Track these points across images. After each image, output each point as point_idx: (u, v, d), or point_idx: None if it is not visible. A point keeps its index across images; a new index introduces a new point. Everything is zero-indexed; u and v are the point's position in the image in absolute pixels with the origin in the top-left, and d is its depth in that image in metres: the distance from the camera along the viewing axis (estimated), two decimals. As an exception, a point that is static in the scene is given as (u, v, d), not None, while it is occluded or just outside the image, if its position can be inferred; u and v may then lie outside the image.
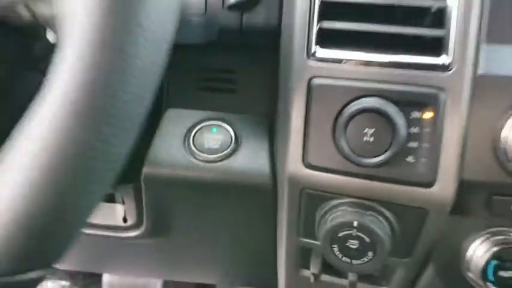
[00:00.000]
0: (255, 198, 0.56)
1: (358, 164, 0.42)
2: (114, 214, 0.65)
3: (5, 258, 0.20)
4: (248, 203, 0.57)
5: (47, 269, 0.22)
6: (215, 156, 0.53)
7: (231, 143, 0.54)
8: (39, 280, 0.22)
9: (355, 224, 0.43)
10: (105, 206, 0.66)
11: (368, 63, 0.41)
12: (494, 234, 0.47)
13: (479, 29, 0.40)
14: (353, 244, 0.44)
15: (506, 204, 0.44)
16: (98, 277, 1.10)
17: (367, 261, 0.45)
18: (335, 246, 0.45)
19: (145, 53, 0.21)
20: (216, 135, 0.54)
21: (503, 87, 0.41)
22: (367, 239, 0.44)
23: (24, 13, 0.23)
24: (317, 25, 0.42)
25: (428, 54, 0.41)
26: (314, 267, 0.55)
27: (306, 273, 0.58)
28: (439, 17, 0.41)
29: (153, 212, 0.59)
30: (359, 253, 0.45)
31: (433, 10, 0.41)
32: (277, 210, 0.57)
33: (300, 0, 0.43)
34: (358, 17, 0.41)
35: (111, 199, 0.65)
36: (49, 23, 0.22)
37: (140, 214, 0.61)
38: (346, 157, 0.42)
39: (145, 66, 0.21)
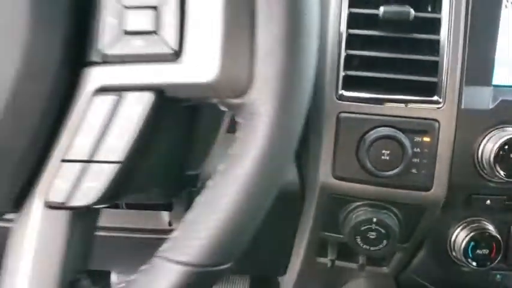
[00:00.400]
0: (284, 203, 0.70)
1: (376, 176, 0.56)
2: (157, 220, 0.77)
3: (217, 256, 0.33)
4: (278, 207, 0.71)
5: (230, 264, 0.35)
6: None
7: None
8: (227, 270, 0.35)
9: (374, 220, 0.58)
10: (149, 214, 0.78)
11: (381, 101, 0.56)
12: (471, 222, 0.63)
13: (462, 75, 0.56)
14: (372, 235, 0.59)
15: (482, 200, 0.60)
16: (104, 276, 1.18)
17: (382, 247, 0.60)
18: (358, 237, 0.60)
19: (299, 128, 0.34)
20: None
21: (478, 118, 0.56)
22: (383, 231, 0.59)
23: (214, 102, 0.35)
24: (343, 73, 0.56)
25: (425, 95, 0.56)
26: (331, 255, 0.70)
27: (322, 260, 0.73)
28: (432, 67, 0.56)
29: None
30: (376, 241, 0.59)
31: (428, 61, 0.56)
32: (300, 211, 0.71)
33: (330, 53, 0.57)
34: (374, 66, 0.56)
35: (153, 207, 0.78)
36: (233, 108, 0.35)
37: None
38: (367, 171, 0.56)
39: (296, 138, 0.34)
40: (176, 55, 0.33)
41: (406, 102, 0.56)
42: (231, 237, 0.33)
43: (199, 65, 0.32)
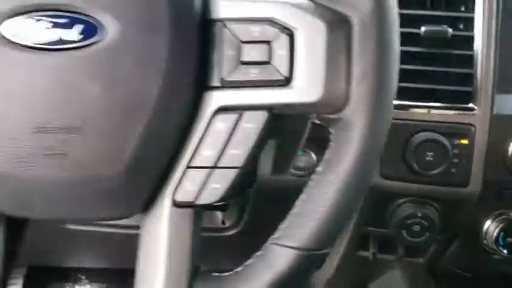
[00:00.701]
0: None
1: (421, 175, 0.64)
2: (211, 218, 0.85)
3: (321, 242, 0.41)
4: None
5: (330, 249, 0.43)
6: (303, 172, 0.74)
7: (313, 161, 0.75)
8: (327, 254, 0.42)
9: (419, 214, 0.66)
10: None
11: (424, 108, 0.64)
12: (501, 214, 0.71)
13: (493, 85, 0.64)
14: (416, 228, 0.67)
15: (511, 194, 0.68)
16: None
17: (424, 239, 0.68)
18: (404, 230, 0.67)
19: (385, 136, 0.41)
20: (303, 157, 0.75)
21: (509, 122, 0.64)
22: (426, 224, 0.66)
23: (313, 117, 0.43)
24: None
25: (462, 102, 0.64)
26: (373, 248, 0.78)
27: (362, 253, 0.81)
28: (466, 77, 0.64)
29: (252, 214, 0.79)
30: (419, 234, 0.67)
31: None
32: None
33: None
34: (419, 77, 0.64)
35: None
36: (329, 121, 0.42)
37: (239, 217, 0.81)
38: (413, 171, 0.64)
39: (383, 144, 0.42)
40: (287, 81, 0.40)
41: (445, 108, 0.64)
42: (331, 226, 0.41)
43: (306, 88, 0.40)
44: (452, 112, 0.64)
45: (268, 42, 0.40)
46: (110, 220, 0.45)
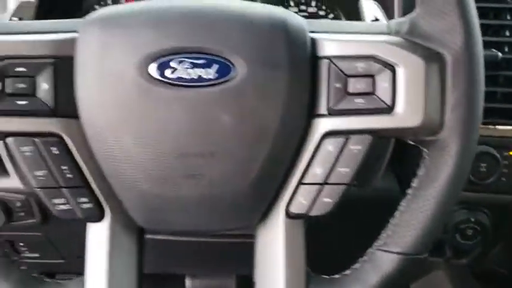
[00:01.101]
0: (381, 207, 0.84)
1: (475, 184, 0.71)
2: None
3: (420, 247, 0.47)
4: (375, 211, 0.85)
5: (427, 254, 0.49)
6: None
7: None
8: (426, 258, 0.49)
9: (472, 219, 0.73)
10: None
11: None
12: (541, 217, 0.78)
13: (537, 102, 0.71)
14: (469, 232, 0.74)
15: (553, 199, 0.75)
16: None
17: (476, 242, 0.74)
18: (457, 234, 0.74)
19: (475, 152, 0.48)
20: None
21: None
22: (479, 228, 0.73)
23: (409, 139, 0.49)
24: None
25: (510, 118, 0.71)
26: (423, 251, 0.84)
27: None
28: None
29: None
30: (472, 237, 0.74)
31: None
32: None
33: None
34: None
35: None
36: (424, 143, 0.47)
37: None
38: (468, 181, 0.71)
39: (472, 160, 0.49)
40: (389, 109, 0.46)
41: (494, 124, 0.71)
42: (429, 233, 0.47)
43: (407, 115, 0.46)
44: (501, 127, 0.71)
45: (371, 76, 0.46)
46: (234, 231, 0.51)
